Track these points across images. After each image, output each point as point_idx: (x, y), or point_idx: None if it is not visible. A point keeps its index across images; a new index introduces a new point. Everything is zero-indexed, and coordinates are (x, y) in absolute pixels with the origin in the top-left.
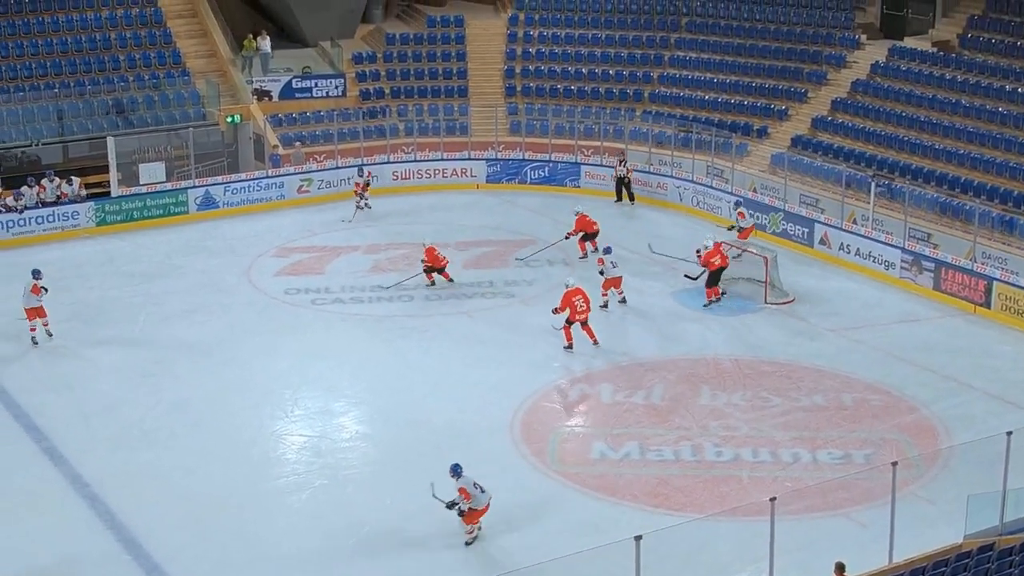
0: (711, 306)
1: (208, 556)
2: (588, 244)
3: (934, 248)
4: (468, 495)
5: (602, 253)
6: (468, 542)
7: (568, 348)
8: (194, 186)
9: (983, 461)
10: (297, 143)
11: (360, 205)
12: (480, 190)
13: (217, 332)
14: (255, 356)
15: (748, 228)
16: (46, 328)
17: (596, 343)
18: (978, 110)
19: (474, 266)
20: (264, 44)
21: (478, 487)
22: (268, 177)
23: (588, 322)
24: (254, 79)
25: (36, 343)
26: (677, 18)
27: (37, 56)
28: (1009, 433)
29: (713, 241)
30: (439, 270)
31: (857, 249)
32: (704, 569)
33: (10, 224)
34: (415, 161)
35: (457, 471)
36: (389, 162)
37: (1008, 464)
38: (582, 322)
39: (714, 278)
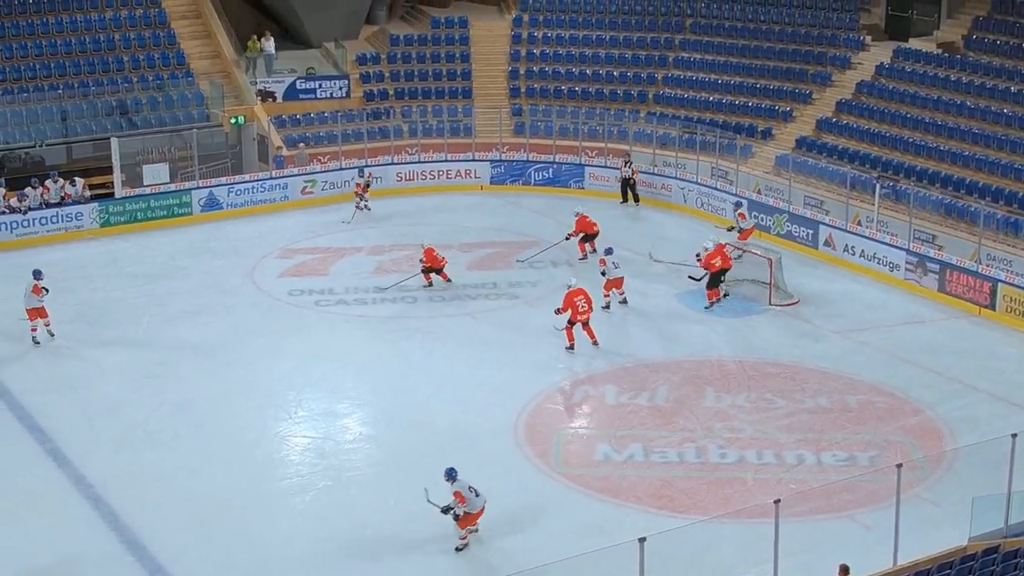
0: (713, 308)
1: (211, 557)
2: (587, 245)
3: (939, 250)
4: (463, 499)
5: (603, 254)
6: (459, 548)
7: (569, 349)
8: (198, 187)
9: (988, 463)
10: (301, 144)
11: (359, 206)
12: (484, 191)
13: (221, 333)
14: (259, 357)
15: (748, 229)
16: (47, 328)
17: (596, 343)
18: (983, 112)
19: (478, 267)
20: (268, 45)
21: (473, 491)
22: (272, 178)
23: (589, 323)
24: (258, 80)
25: (37, 343)
26: (682, 19)
27: (41, 57)
28: (1014, 435)
29: (714, 243)
30: (437, 270)
31: (862, 251)
32: (708, 571)
33: (14, 225)
34: (419, 162)
35: (452, 475)
36: (393, 163)
37: (1013, 466)
38: (583, 323)
39: (715, 280)
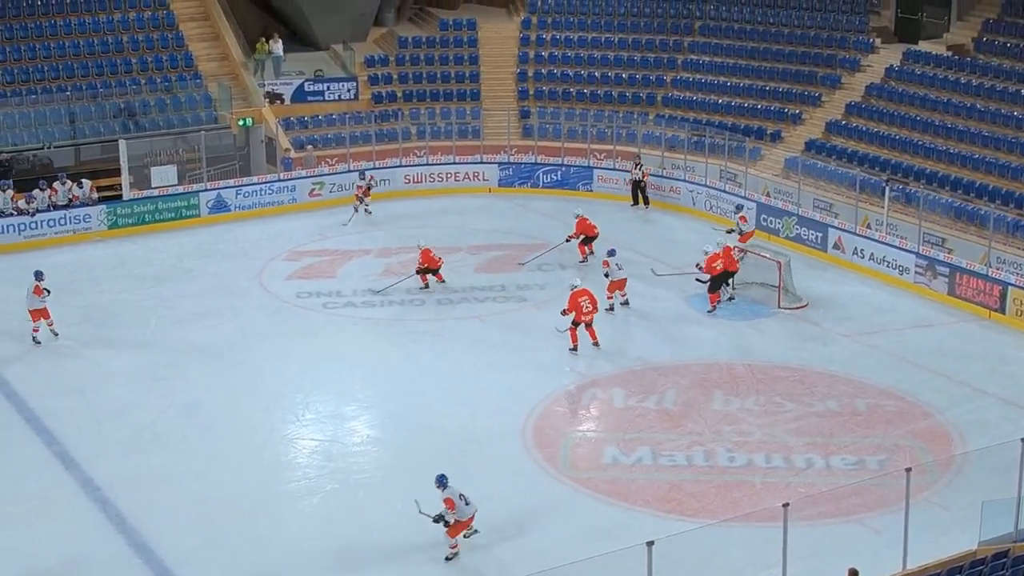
0: (716, 311)
1: (219, 560)
2: (587, 248)
3: (948, 253)
4: (453, 505)
5: (606, 255)
6: (448, 557)
7: (573, 350)
8: (206, 189)
9: (998, 467)
10: (309, 146)
11: (358, 209)
12: (492, 194)
13: (228, 336)
14: (266, 360)
15: (749, 232)
16: (51, 328)
17: (597, 344)
18: (993, 114)
19: (486, 270)
20: (276, 47)
21: (463, 498)
22: (280, 180)
23: (592, 323)
24: (266, 82)
25: (38, 343)
26: (690, 21)
27: (49, 59)
28: None
29: (719, 245)
30: (434, 271)
31: (871, 254)
32: (716, 575)
33: (22, 227)
34: (427, 164)
35: (443, 482)
36: (401, 165)
37: (1023, 470)
38: (587, 323)
39: (716, 283)
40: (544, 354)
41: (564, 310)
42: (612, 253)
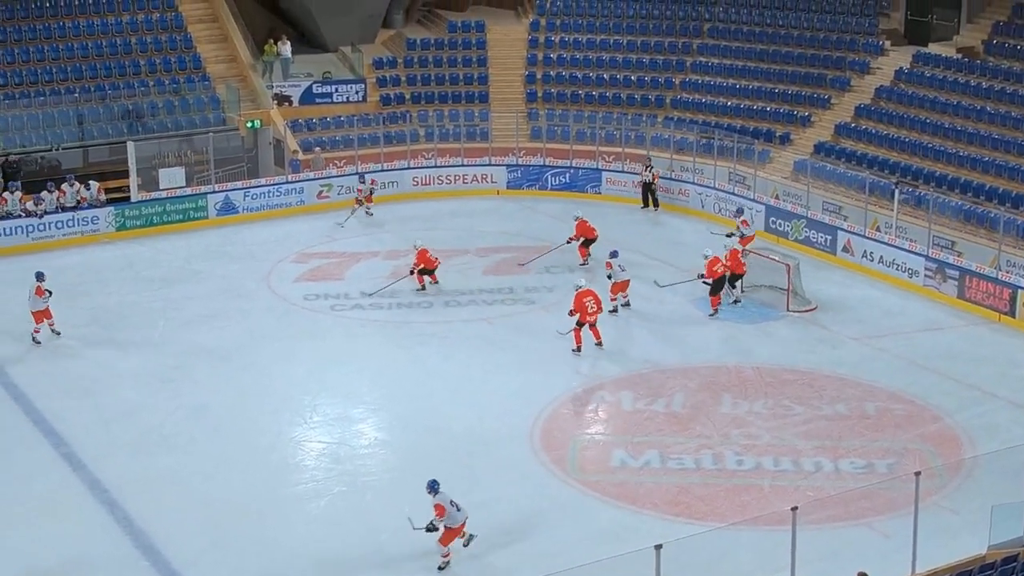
0: (717, 314)
1: (226, 562)
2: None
3: (958, 256)
4: (443, 511)
5: (609, 257)
6: (441, 567)
7: (576, 351)
8: (214, 191)
9: (1007, 471)
10: (317, 148)
11: (356, 211)
12: (500, 196)
13: (236, 338)
14: (274, 362)
15: (750, 236)
16: (52, 328)
17: (600, 344)
18: (1003, 117)
19: (494, 272)
20: (284, 49)
21: (454, 505)
22: (288, 182)
23: (596, 323)
24: (274, 84)
25: (38, 343)
26: (699, 24)
27: (58, 61)
28: None
29: (712, 252)
30: (430, 271)
31: (880, 257)
32: None
33: (30, 229)
34: (435, 167)
35: (434, 487)
36: (409, 167)
37: None
38: (591, 323)
39: (717, 286)
40: (552, 357)
41: (571, 311)
42: (615, 255)
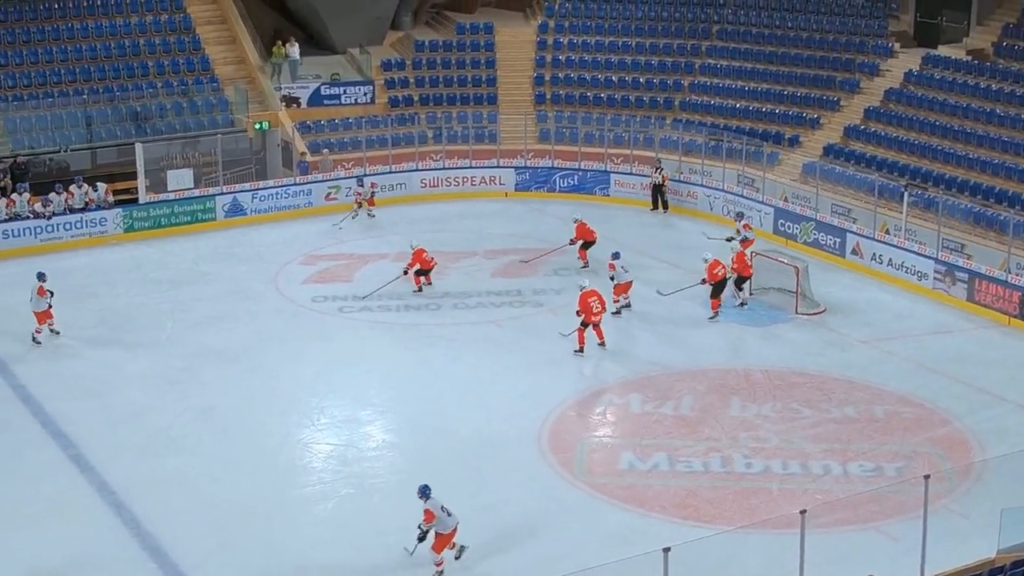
0: (717, 317)
1: (233, 564)
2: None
3: (968, 259)
4: (431, 516)
5: (612, 258)
6: None
7: (579, 352)
8: (222, 193)
9: (1017, 475)
10: (325, 150)
11: (357, 213)
12: (509, 198)
13: (244, 339)
14: (282, 364)
15: (750, 240)
16: (51, 328)
17: (603, 344)
18: (1013, 119)
19: (502, 275)
20: (293, 51)
21: (445, 510)
22: (296, 184)
23: (600, 324)
24: (282, 86)
25: (39, 343)
26: (708, 26)
27: (66, 62)
28: None
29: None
30: (426, 272)
31: (889, 259)
32: None
33: (38, 230)
34: (443, 168)
35: (426, 492)
36: (417, 169)
37: None
38: (595, 324)
39: (717, 289)
40: (560, 359)
41: (578, 311)
42: (617, 256)
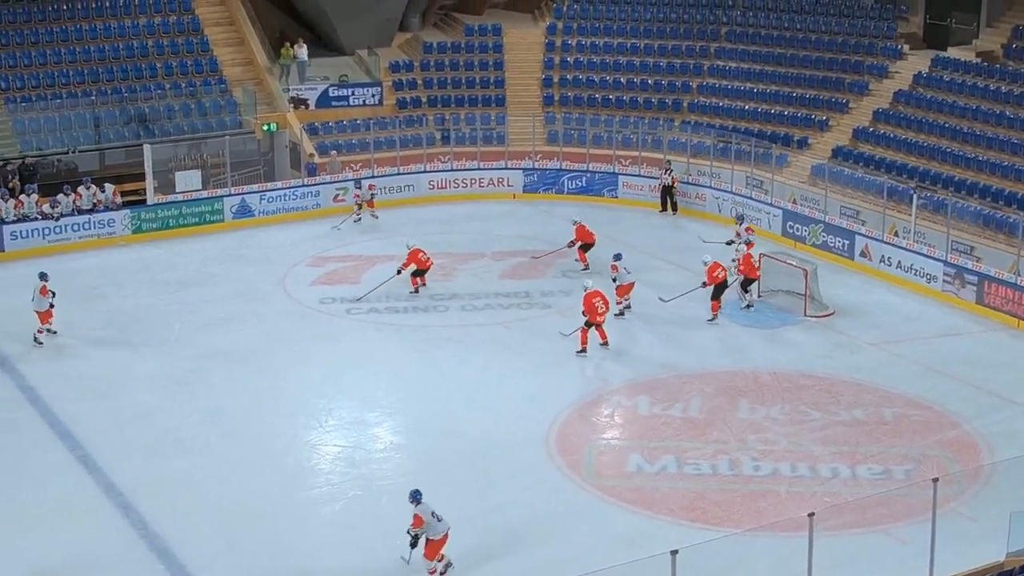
0: (716, 319)
1: (240, 565)
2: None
3: (977, 261)
4: (420, 521)
5: (614, 259)
6: None
7: (581, 352)
8: (230, 194)
9: None
10: (333, 152)
11: (359, 215)
12: (517, 200)
13: (252, 341)
14: (290, 365)
15: (751, 243)
16: (50, 328)
17: (606, 344)
18: (1022, 122)
19: (510, 276)
20: (301, 52)
21: (435, 516)
22: (304, 186)
23: (603, 324)
24: (291, 87)
25: (40, 344)
26: (717, 27)
27: (75, 63)
28: None
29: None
30: (422, 272)
31: (898, 262)
32: None
33: (46, 231)
34: (452, 170)
35: (417, 497)
36: (425, 171)
37: None
38: (599, 324)
39: (718, 291)
40: (568, 361)
41: (583, 311)
42: (619, 257)
